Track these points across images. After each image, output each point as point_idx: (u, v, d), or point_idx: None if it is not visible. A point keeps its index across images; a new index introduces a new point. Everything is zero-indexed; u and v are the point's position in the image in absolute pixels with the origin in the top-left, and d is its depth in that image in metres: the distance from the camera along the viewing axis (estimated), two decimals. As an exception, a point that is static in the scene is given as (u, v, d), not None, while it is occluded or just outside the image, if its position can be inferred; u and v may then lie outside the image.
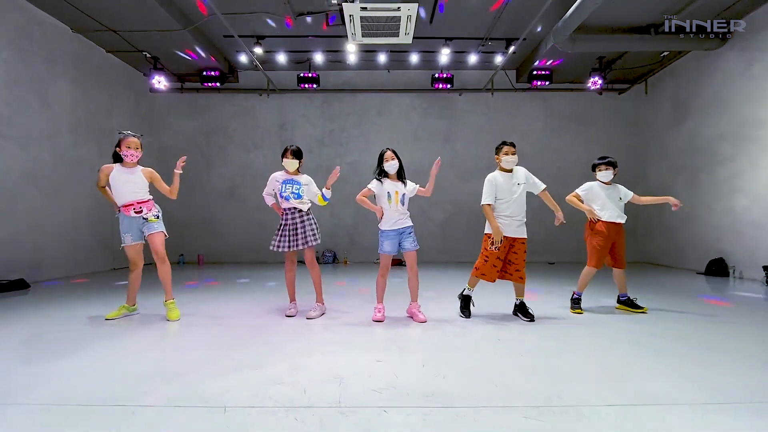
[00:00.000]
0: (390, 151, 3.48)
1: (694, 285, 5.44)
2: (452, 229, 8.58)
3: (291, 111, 8.60)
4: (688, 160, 7.22)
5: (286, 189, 3.50)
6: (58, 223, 6.05)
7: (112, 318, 3.43)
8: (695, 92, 7.01)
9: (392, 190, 3.43)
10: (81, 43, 6.50)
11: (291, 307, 3.61)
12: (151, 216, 3.45)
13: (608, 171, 3.77)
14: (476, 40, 7.21)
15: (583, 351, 2.59)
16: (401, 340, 2.82)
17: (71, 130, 6.30)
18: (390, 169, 3.45)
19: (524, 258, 3.48)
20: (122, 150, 3.39)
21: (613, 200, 3.76)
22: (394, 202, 3.41)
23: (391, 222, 3.43)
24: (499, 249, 3.43)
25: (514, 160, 3.49)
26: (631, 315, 3.63)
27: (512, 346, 2.69)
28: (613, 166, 3.80)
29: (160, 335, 2.96)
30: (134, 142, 3.42)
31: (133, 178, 3.43)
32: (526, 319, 3.45)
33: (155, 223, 3.48)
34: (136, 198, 3.42)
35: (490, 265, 3.45)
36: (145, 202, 3.46)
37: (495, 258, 3.45)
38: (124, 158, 3.41)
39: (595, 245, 3.78)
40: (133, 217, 3.41)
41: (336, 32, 6.83)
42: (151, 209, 3.47)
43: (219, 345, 2.69)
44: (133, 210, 3.40)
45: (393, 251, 3.44)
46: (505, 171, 3.53)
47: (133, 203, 3.41)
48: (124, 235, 3.42)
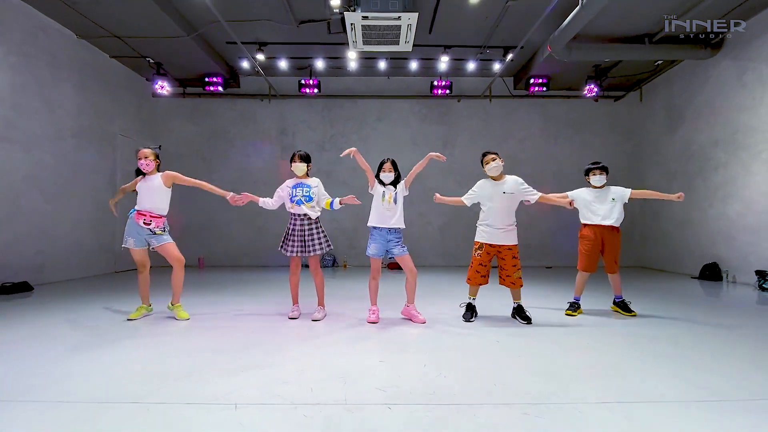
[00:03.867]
0: (389, 163, 3.58)
1: (688, 289, 5.54)
2: (451, 234, 8.67)
3: (292, 116, 8.70)
4: (682, 166, 7.35)
5: (296, 193, 3.59)
6: (61, 226, 6.10)
7: (135, 318, 3.53)
8: (689, 100, 7.16)
9: (387, 190, 3.57)
10: (85, 48, 6.59)
11: (294, 309, 3.68)
12: (158, 230, 3.54)
13: (601, 176, 3.87)
14: (474, 48, 7.35)
15: (579, 352, 2.68)
16: (402, 341, 2.90)
17: (74, 134, 6.37)
18: (385, 179, 3.57)
19: (513, 264, 3.54)
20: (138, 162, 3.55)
21: (602, 203, 3.85)
22: (387, 200, 3.52)
23: (378, 218, 3.51)
24: (480, 256, 3.54)
25: (497, 166, 3.55)
26: (624, 318, 3.72)
27: (510, 347, 2.77)
28: (606, 171, 3.90)
29: (171, 336, 3.03)
30: (142, 152, 3.56)
31: (150, 186, 3.55)
32: (523, 321, 3.54)
33: (164, 234, 3.57)
34: (149, 208, 3.51)
35: (474, 270, 3.60)
36: (157, 218, 3.55)
37: (477, 264, 3.57)
38: (141, 168, 3.56)
39: (582, 249, 3.90)
40: (140, 227, 3.50)
41: (337, 40, 6.95)
42: (159, 226, 3.55)
43: (226, 346, 2.76)
44: (143, 220, 3.49)
45: (379, 254, 3.51)
46: (493, 179, 3.62)
47: (146, 214, 3.50)
48: (128, 238, 3.50)
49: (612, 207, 3.82)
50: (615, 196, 3.84)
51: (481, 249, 3.58)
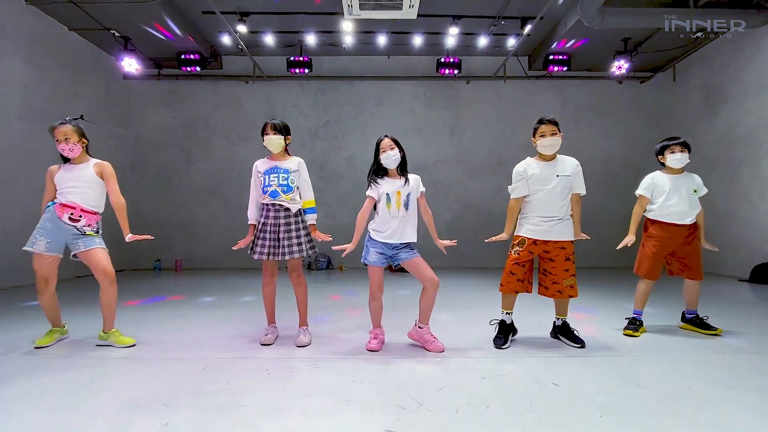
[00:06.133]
0: (388, 139, 2.58)
1: (746, 295, 4.65)
2: (459, 231, 7.74)
3: (281, 100, 7.77)
4: (724, 153, 6.45)
5: (270, 182, 2.66)
6: (7, 224, 5.18)
7: (43, 346, 2.59)
8: (733, 77, 6.25)
9: (392, 190, 2.54)
10: (37, 17, 5.65)
11: (268, 332, 2.77)
12: (88, 230, 2.62)
13: (683, 154, 2.95)
14: (487, 19, 6.43)
15: (661, 395, 1.78)
16: (417, 386, 1.99)
17: (23, 116, 5.44)
18: (388, 162, 2.55)
19: (566, 268, 2.65)
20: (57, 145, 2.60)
21: (680, 193, 2.93)
22: (395, 206, 2.52)
23: (386, 232, 2.53)
24: (519, 253, 2.65)
25: (553, 143, 2.67)
26: (705, 339, 2.83)
27: (576, 393, 1.87)
28: (688, 148, 2.98)
29: (81, 373, 2.12)
30: (60, 131, 2.58)
31: (79, 176, 2.62)
32: (575, 345, 2.64)
33: (95, 237, 2.65)
34: (79, 201, 2.58)
35: (508, 273, 2.69)
36: (90, 214, 2.62)
37: (513, 263, 2.67)
38: (62, 153, 2.62)
39: (646, 251, 3.00)
40: (63, 224, 2.57)
41: (330, 8, 6.04)
42: (91, 224, 2.63)
43: (150, 398, 1.84)
44: (68, 215, 2.56)
45: (381, 263, 2.58)
46: (543, 158, 2.73)
47: (74, 206, 2.56)
48: (38, 238, 2.55)
49: (695, 200, 2.93)
50: (698, 187, 2.96)
51: (521, 245, 2.67)
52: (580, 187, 2.69)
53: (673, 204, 2.90)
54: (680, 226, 2.91)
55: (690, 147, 2.98)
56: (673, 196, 2.91)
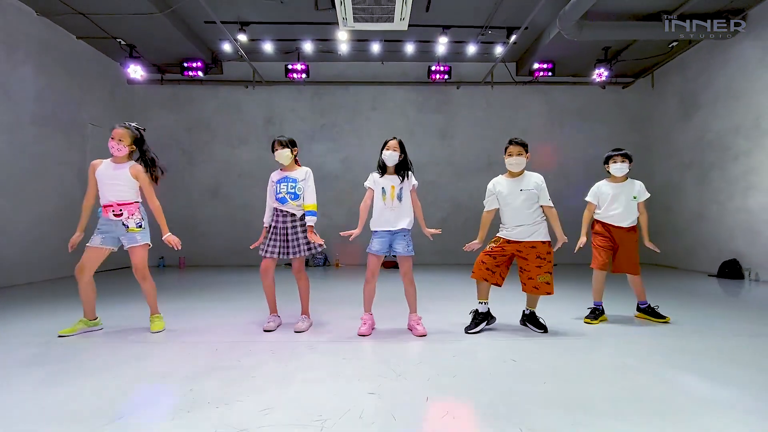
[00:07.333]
0: (395, 141, 3.05)
1: (710, 289, 5.06)
2: (449, 230, 8.11)
3: (279, 104, 8.11)
4: (697, 156, 6.86)
5: (280, 189, 3.07)
6: (20, 224, 5.51)
7: (66, 335, 2.92)
8: (705, 84, 6.66)
9: (387, 184, 3.02)
10: (47, 27, 5.96)
11: (271, 319, 3.14)
12: (132, 224, 2.98)
13: (623, 164, 3.35)
14: (475, 28, 6.79)
15: (614, 373, 2.16)
16: (398, 362, 2.37)
17: (35, 122, 5.76)
18: (388, 159, 3.01)
19: (538, 265, 2.99)
20: (110, 141, 2.97)
21: (619, 200, 3.35)
22: (389, 197, 2.99)
23: (381, 221, 3.00)
24: (491, 248, 3.06)
25: (518, 162, 3.02)
26: (655, 326, 3.22)
27: (529, 367, 2.26)
28: (629, 159, 3.38)
29: (107, 360, 2.48)
30: (116, 131, 2.95)
31: (115, 174, 2.96)
32: (538, 330, 3.04)
33: (137, 233, 3.00)
34: (117, 198, 2.95)
35: (479, 261, 3.08)
36: (127, 205, 2.97)
37: (484, 254, 3.07)
38: (110, 150, 2.97)
39: (596, 244, 3.43)
40: (111, 221, 2.95)
41: (326, 18, 6.37)
42: (133, 214, 2.98)
43: (176, 372, 2.21)
44: (111, 212, 2.94)
45: (382, 251, 2.99)
46: (511, 174, 3.11)
47: (112, 204, 2.94)
48: (95, 236, 2.94)
49: (630, 205, 3.34)
50: (637, 194, 3.36)
51: (496, 242, 3.07)
52: (544, 199, 3.04)
53: (614, 209, 3.35)
54: (619, 228, 3.34)
55: (631, 158, 3.39)
56: (614, 202, 3.35)
